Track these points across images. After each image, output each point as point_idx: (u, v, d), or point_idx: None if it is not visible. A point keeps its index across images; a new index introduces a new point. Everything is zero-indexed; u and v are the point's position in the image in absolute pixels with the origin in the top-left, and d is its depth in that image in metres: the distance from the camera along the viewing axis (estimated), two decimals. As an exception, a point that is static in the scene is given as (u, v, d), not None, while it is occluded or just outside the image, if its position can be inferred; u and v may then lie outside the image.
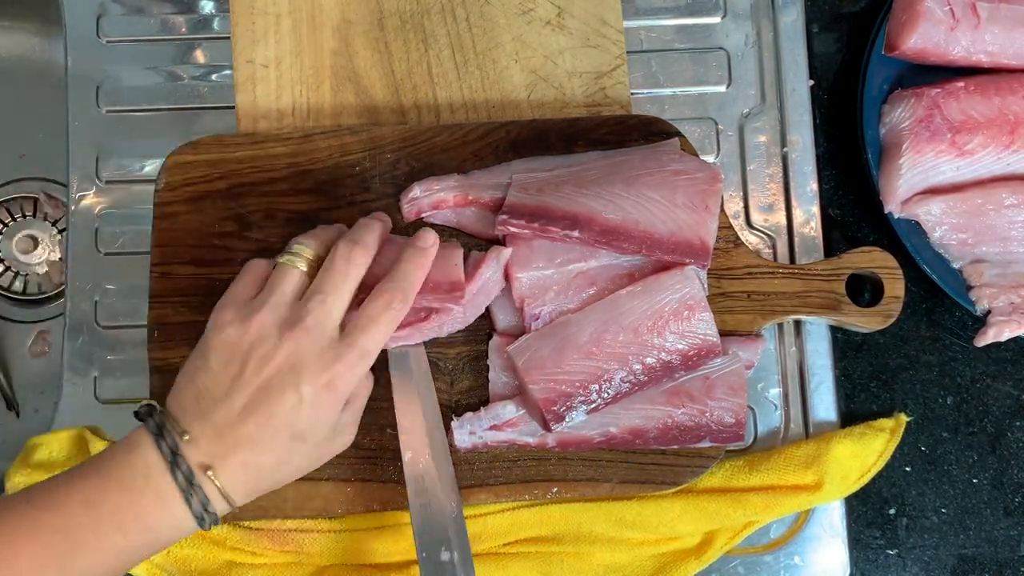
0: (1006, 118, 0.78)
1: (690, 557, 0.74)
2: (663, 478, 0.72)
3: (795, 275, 0.76)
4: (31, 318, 0.95)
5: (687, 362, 0.70)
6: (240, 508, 0.60)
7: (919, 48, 0.78)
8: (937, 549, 0.79)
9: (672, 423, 0.71)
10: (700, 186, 0.72)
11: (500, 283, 0.71)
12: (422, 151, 0.76)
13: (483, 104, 0.82)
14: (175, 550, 0.72)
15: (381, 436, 0.72)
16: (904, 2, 0.79)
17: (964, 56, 0.79)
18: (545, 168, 0.75)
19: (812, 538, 0.77)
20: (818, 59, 0.87)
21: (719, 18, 0.86)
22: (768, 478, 0.75)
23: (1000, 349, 0.82)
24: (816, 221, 0.82)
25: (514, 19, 0.83)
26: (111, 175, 0.82)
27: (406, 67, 0.82)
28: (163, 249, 0.74)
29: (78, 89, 0.83)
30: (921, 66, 0.82)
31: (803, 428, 0.79)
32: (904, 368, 0.82)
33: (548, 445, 0.71)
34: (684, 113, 0.84)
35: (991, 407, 0.82)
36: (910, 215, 0.79)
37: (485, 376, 0.73)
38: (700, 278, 0.71)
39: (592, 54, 0.83)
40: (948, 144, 0.78)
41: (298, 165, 0.76)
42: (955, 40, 0.78)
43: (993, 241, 0.79)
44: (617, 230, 0.69)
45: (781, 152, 0.84)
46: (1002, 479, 0.80)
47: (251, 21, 0.82)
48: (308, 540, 0.73)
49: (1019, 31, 0.79)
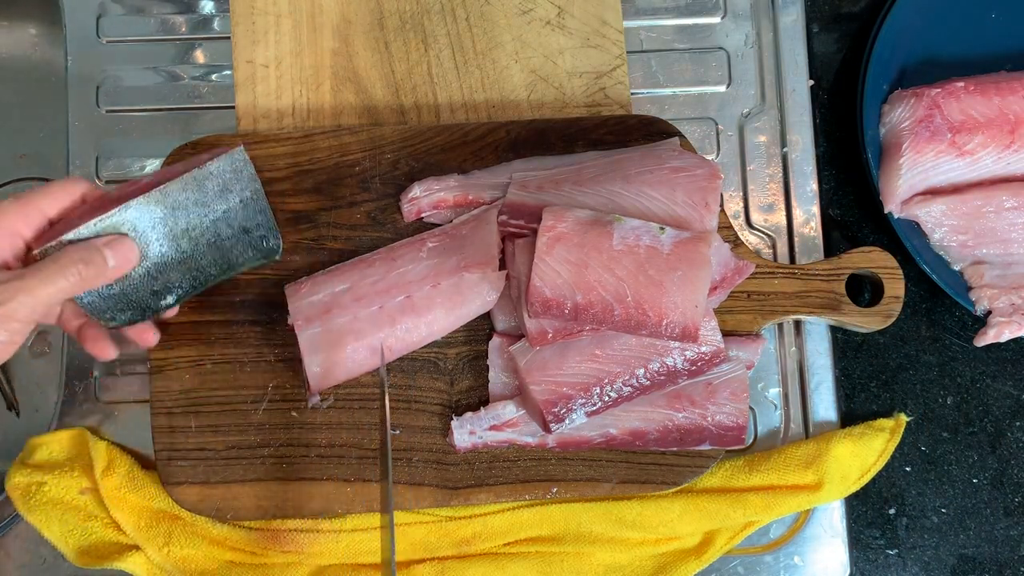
0: (1006, 118, 0.78)
1: (690, 557, 0.74)
2: (663, 478, 0.72)
3: (795, 275, 0.76)
4: (31, 318, 0.94)
5: (691, 367, 0.70)
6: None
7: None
8: (937, 549, 0.79)
9: (673, 426, 0.71)
10: (700, 183, 0.72)
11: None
12: (422, 151, 0.76)
13: (483, 104, 0.82)
14: (175, 550, 0.72)
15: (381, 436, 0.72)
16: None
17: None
18: (545, 167, 0.75)
19: (812, 538, 0.77)
20: (818, 59, 0.87)
21: (719, 18, 0.86)
22: (768, 478, 0.75)
23: (1000, 349, 0.82)
24: (816, 221, 0.82)
25: (514, 19, 0.83)
26: (111, 175, 0.82)
27: (406, 67, 0.82)
28: (163, 249, 0.74)
29: (78, 89, 0.83)
30: (921, 66, 0.82)
31: (803, 428, 0.79)
32: (904, 368, 0.82)
33: (548, 445, 0.71)
34: (684, 113, 0.84)
35: (991, 407, 0.82)
36: (910, 215, 0.79)
37: (485, 376, 0.73)
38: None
39: (592, 54, 0.83)
40: (948, 144, 0.78)
41: (298, 165, 0.76)
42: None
43: (993, 243, 0.79)
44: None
45: (781, 152, 0.84)
46: (1002, 479, 0.80)
47: (251, 21, 0.82)
48: (308, 540, 0.73)
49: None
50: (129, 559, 0.72)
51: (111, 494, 0.73)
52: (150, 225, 0.64)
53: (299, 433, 0.72)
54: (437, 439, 0.72)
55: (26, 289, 0.57)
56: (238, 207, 0.67)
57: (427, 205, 0.74)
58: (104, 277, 0.61)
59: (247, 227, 0.67)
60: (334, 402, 0.72)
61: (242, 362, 0.73)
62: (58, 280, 0.58)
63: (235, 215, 0.67)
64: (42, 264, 0.59)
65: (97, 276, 0.60)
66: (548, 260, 0.67)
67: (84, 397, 0.78)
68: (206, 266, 0.67)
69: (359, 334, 0.69)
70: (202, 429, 0.71)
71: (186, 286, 0.66)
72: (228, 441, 0.71)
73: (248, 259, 0.68)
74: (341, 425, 0.72)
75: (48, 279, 0.58)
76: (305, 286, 0.71)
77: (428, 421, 0.72)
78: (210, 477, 0.71)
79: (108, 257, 0.61)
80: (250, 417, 0.72)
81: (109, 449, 0.74)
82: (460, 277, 0.70)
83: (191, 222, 0.65)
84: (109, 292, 0.63)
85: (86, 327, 0.65)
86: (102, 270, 0.60)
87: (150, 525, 0.72)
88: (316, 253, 0.74)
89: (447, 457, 0.72)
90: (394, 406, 0.73)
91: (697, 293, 0.66)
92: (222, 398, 0.72)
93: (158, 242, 0.64)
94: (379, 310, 0.70)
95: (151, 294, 0.65)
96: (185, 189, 0.64)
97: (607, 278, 0.67)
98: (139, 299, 0.65)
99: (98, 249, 0.60)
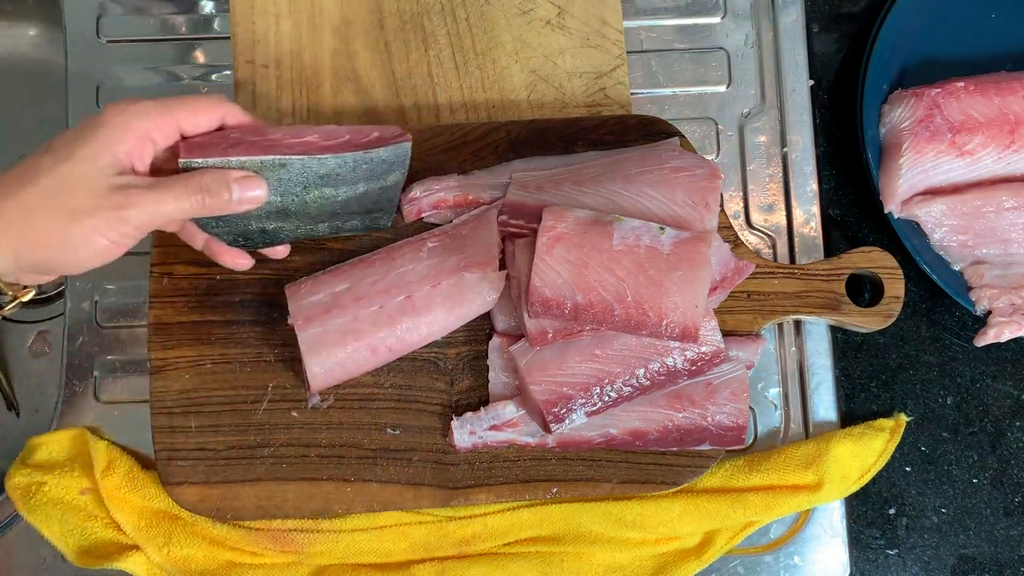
0: (1006, 118, 0.78)
1: (690, 557, 0.74)
2: (663, 478, 0.72)
3: (795, 275, 0.76)
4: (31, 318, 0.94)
5: (691, 367, 0.70)
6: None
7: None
8: (937, 549, 0.79)
9: (673, 426, 0.71)
10: (700, 183, 0.72)
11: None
12: (422, 151, 0.76)
13: (483, 104, 0.82)
14: (175, 550, 0.72)
15: (381, 436, 0.72)
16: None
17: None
18: (545, 167, 0.75)
19: (812, 538, 0.77)
20: (818, 59, 0.87)
21: (719, 18, 0.86)
22: (768, 478, 0.75)
23: (1000, 349, 0.82)
24: (816, 221, 0.82)
25: (514, 19, 0.83)
26: (111, 175, 0.82)
27: (406, 67, 0.82)
28: (163, 249, 0.74)
29: (78, 89, 0.83)
30: (921, 66, 0.82)
31: (803, 428, 0.79)
32: (904, 368, 0.82)
33: (548, 445, 0.71)
34: (684, 113, 0.84)
35: (991, 407, 0.82)
36: (910, 215, 0.79)
37: (485, 376, 0.73)
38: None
39: (592, 54, 0.83)
40: (948, 144, 0.78)
41: (298, 165, 0.76)
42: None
43: (994, 243, 0.79)
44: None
45: (781, 152, 0.84)
46: (1002, 479, 0.80)
47: (251, 21, 0.82)
48: (308, 540, 0.73)
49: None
50: (129, 559, 0.72)
51: (111, 494, 0.73)
52: (291, 182, 0.63)
53: (299, 433, 0.72)
54: (437, 439, 0.72)
55: (150, 201, 0.58)
56: (376, 192, 0.67)
57: (427, 205, 0.74)
58: (225, 210, 0.61)
59: (373, 208, 0.68)
60: (334, 402, 0.72)
61: (242, 362, 0.73)
62: (182, 201, 0.59)
63: (371, 196, 0.67)
64: (173, 180, 0.59)
65: (219, 207, 0.61)
66: (548, 260, 0.67)
67: (84, 397, 0.78)
68: (321, 229, 0.68)
69: (359, 334, 0.69)
70: (202, 429, 0.71)
71: (292, 236, 0.68)
72: (228, 441, 0.71)
73: (357, 229, 0.69)
74: (341, 425, 0.72)
75: (173, 197, 0.59)
76: (305, 286, 0.71)
77: (428, 421, 0.72)
78: (210, 477, 0.71)
79: (235, 192, 0.60)
80: (250, 417, 0.72)
81: (109, 449, 0.74)
82: (460, 277, 0.70)
83: (330, 193, 0.65)
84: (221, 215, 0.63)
85: (212, 242, 0.66)
86: (226, 204, 0.61)
87: (150, 525, 0.72)
88: (316, 253, 0.74)
89: (447, 457, 0.72)
90: (394, 406, 0.73)
91: (697, 293, 0.66)
92: (222, 398, 0.72)
93: (289, 196, 0.64)
94: (379, 310, 0.70)
95: (259, 231, 0.66)
96: (342, 166, 0.63)
97: (607, 278, 0.67)
98: (244, 231, 0.66)
99: (229, 183, 0.60)
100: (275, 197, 0.63)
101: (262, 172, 0.62)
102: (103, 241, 0.58)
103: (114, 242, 0.58)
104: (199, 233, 0.66)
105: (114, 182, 0.58)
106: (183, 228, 0.67)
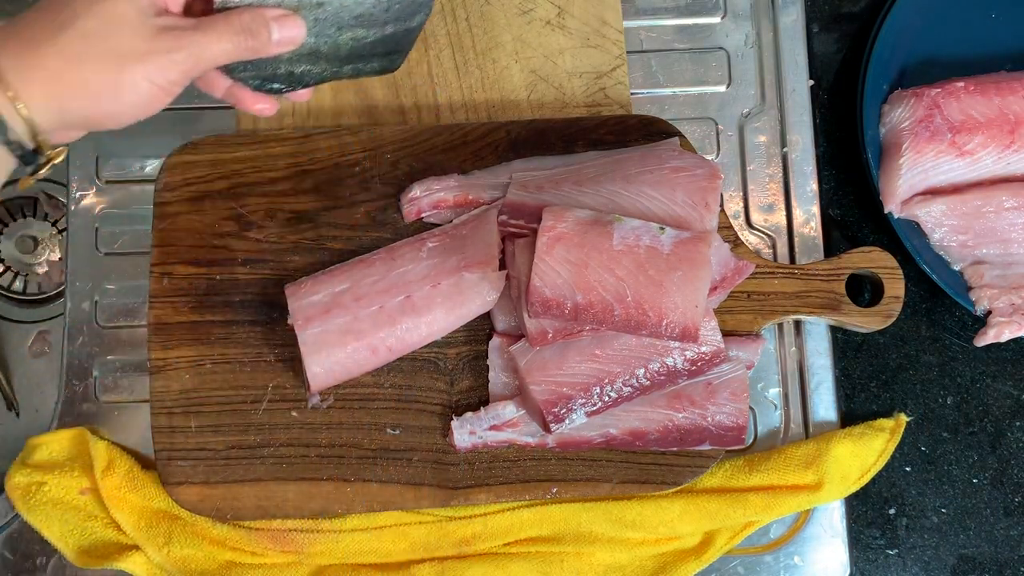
0: (1006, 118, 0.78)
1: (690, 557, 0.74)
2: (663, 478, 0.72)
3: (795, 275, 0.76)
4: (31, 318, 0.94)
5: (691, 367, 0.70)
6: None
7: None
8: (937, 549, 0.79)
9: (673, 426, 0.71)
10: (700, 183, 0.72)
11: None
12: (422, 151, 0.76)
13: (483, 104, 0.82)
14: (175, 550, 0.72)
15: (381, 436, 0.72)
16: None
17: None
18: (545, 167, 0.75)
19: (812, 538, 0.77)
20: (818, 59, 0.87)
21: (719, 18, 0.86)
22: (768, 478, 0.75)
23: (1000, 349, 0.82)
24: (816, 221, 0.82)
25: (514, 19, 0.83)
26: (111, 175, 0.82)
27: (406, 67, 0.82)
28: (163, 249, 0.74)
29: None
30: (921, 66, 0.82)
31: (803, 428, 0.79)
32: (904, 368, 0.82)
33: (548, 445, 0.71)
34: (684, 113, 0.84)
35: (991, 407, 0.82)
36: (910, 215, 0.79)
37: (485, 376, 0.73)
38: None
39: (592, 54, 0.83)
40: (948, 144, 0.78)
41: (298, 165, 0.76)
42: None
43: (994, 243, 0.79)
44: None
45: (781, 152, 0.84)
46: (1002, 479, 0.80)
47: (251, 21, 0.82)
48: (308, 540, 0.73)
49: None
50: (129, 559, 0.72)
51: (111, 494, 0.73)
52: (327, 22, 0.61)
53: (299, 433, 0.72)
54: (437, 439, 0.72)
55: (197, 43, 0.55)
56: (401, 33, 0.65)
57: (427, 205, 0.74)
58: (264, 52, 0.58)
59: (394, 50, 0.66)
60: (334, 402, 0.72)
61: (242, 362, 0.73)
62: (224, 42, 0.56)
63: (396, 38, 0.65)
64: (214, 20, 0.56)
65: (259, 48, 0.57)
66: (548, 260, 0.67)
67: (84, 397, 0.78)
68: (345, 71, 0.66)
69: (359, 334, 0.69)
70: (202, 429, 0.71)
71: (318, 79, 0.65)
72: (228, 441, 0.71)
73: (375, 71, 0.67)
74: (341, 425, 0.72)
75: (217, 38, 0.55)
76: (305, 286, 0.71)
77: (428, 421, 0.72)
78: (210, 477, 0.71)
79: (274, 32, 0.57)
80: (250, 417, 0.72)
81: (109, 449, 0.74)
82: (460, 277, 0.70)
83: (362, 34, 0.63)
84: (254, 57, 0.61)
85: (236, 88, 0.63)
86: (265, 44, 0.57)
87: (150, 525, 0.72)
88: (316, 253, 0.74)
89: (447, 457, 0.72)
90: (394, 406, 0.73)
91: (697, 293, 0.66)
92: (222, 398, 0.72)
93: (323, 37, 0.62)
94: (379, 310, 0.70)
95: (286, 75, 0.63)
96: (377, 6, 0.61)
97: (607, 278, 0.67)
98: (272, 75, 0.63)
99: (268, 22, 0.57)
100: (309, 39, 0.61)
101: (299, 11, 0.59)
102: (153, 88, 0.54)
103: (163, 89, 0.55)
104: (220, 79, 0.62)
105: (160, 23, 0.54)
106: (205, 74, 0.62)
